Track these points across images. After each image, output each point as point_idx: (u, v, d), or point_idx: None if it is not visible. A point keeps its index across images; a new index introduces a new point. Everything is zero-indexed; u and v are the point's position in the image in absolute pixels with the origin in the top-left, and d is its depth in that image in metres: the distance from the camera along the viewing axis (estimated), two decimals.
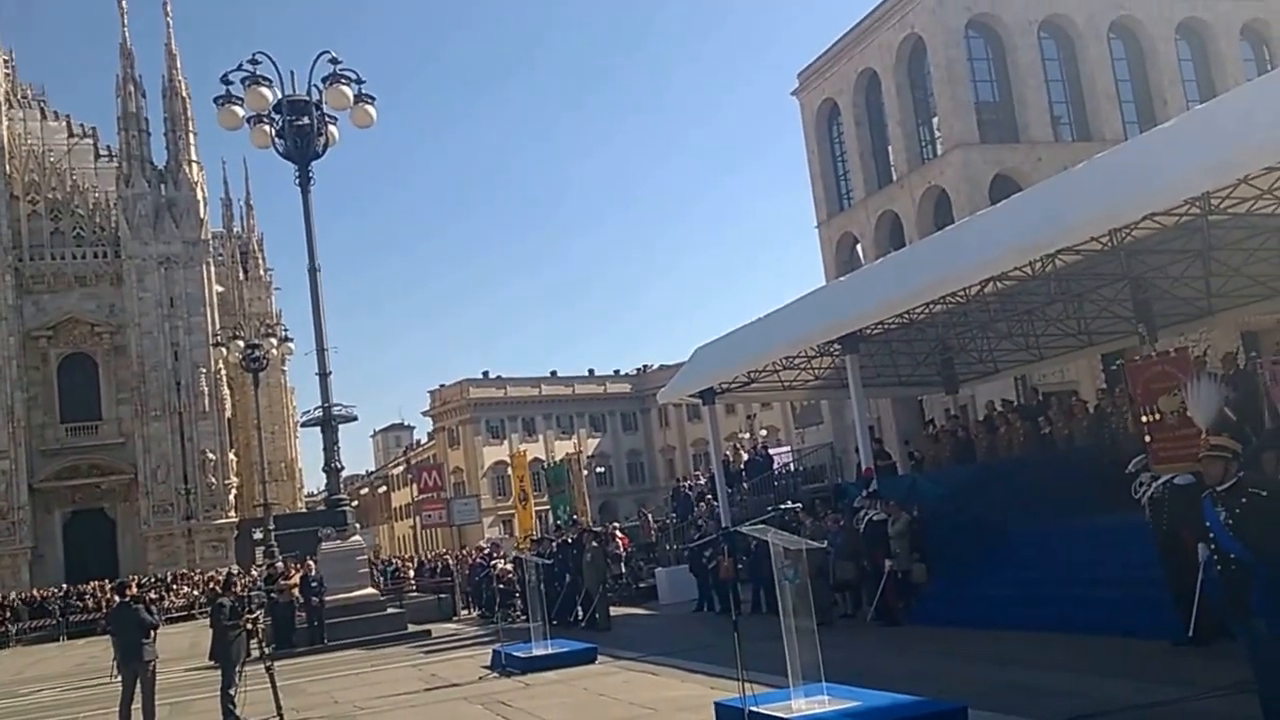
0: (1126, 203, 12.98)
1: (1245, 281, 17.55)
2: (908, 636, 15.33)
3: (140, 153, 69.07)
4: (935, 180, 44.04)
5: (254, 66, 23.14)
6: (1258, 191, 12.82)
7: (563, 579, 23.21)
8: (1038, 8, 44.38)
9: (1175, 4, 46.16)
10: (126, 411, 67.77)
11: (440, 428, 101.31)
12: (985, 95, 43.99)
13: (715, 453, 26.63)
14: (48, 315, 68.29)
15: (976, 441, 21.85)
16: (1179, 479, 11.45)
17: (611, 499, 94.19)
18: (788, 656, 9.30)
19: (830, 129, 52.19)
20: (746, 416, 64.85)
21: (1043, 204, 15.77)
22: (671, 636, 19.04)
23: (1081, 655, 11.72)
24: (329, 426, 25.37)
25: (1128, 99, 45.51)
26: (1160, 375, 12.97)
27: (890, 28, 46.09)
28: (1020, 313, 20.32)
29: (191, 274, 68.91)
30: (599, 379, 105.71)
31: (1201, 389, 9.97)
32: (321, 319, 25.34)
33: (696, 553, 23.31)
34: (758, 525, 10.58)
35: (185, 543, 65.90)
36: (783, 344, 20.91)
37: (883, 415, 42.25)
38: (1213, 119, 13.53)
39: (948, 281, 16.53)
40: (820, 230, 52.57)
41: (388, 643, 23.05)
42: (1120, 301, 18.50)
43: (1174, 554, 11.38)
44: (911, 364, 24.42)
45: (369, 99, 23.83)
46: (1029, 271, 15.83)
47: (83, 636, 40.63)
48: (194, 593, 48.43)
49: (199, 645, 23.93)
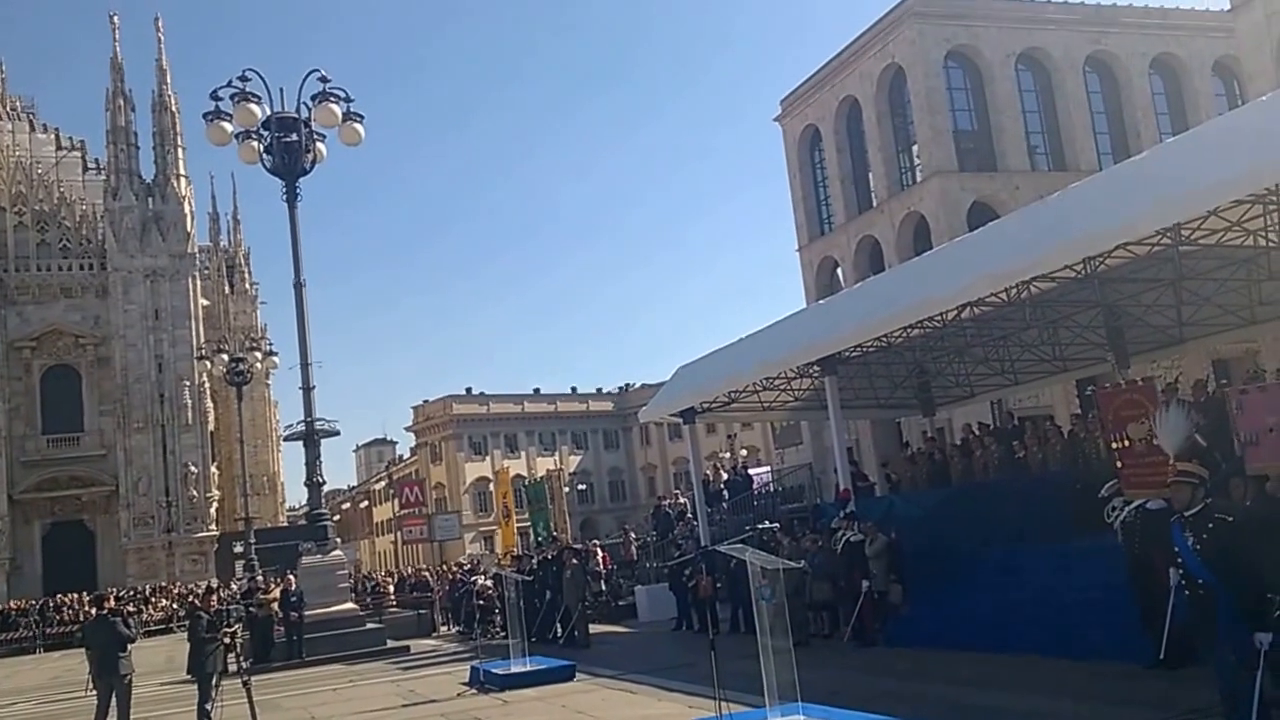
0: (1100, 232, 13.25)
1: (1216, 311, 17.85)
2: (884, 657, 15.43)
3: (128, 166, 68.97)
4: (914, 206, 44.57)
5: (243, 83, 23.24)
6: (1227, 223, 13.11)
7: (543, 596, 23.24)
8: (1016, 40, 45.16)
9: (1149, 40, 47.12)
10: (109, 423, 67.47)
11: (423, 443, 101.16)
12: (964, 124, 44.73)
13: (695, 472, 26.79)
14: (32, 326, 68.03)
15: (952, 464, 22.02)
16: (1150, 504, 11.54)
17: (593, 516, 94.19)
18: (764, 676, 9.39)
19: (812, 155, 52.78)
20: (727, 436, 65.18)
21: (1019, 232, 16.06)
22: (650, 655, 19.09)
23: (1054, 677, 11.84)
24: (312, 441, 25.36)
25: (1103, 131, 46.39)
26: (1129, 403, 13.16)
27: (871, 57, 46.71)
28: (996, 338, 20.59)
29: (177, 287, 68.76)
30: (581, 397, 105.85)
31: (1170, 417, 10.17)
32: (306, 334, 25.36)
33: (676, 571, 23.35)
34: (736, 544, 10.70)
35: (165, 556, 65.55)
36: (763, 365, 21.12)
37: (861, 437, 42.62)
38: (1184, 152, 13.85)
39: (925, 306, 16.77)
40: (801, 254, 53.02)
41: (366, 658, 22.95)
42: (1094, 328, 18.75)
43: (1145, 578, 11.47)
44: (889, 387, 24.67)
45: (357, 117, 23.91)
46: (1005, 298, 16.09)
47: (59, 649, 40.38)
48: (172, 606, 48.17)
49: (176, 659, 23.83)
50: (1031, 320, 18.81)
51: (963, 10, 44.86)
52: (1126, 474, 12.93)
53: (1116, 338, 17.62)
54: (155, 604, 49.11)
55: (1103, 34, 46.50)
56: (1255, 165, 11.25)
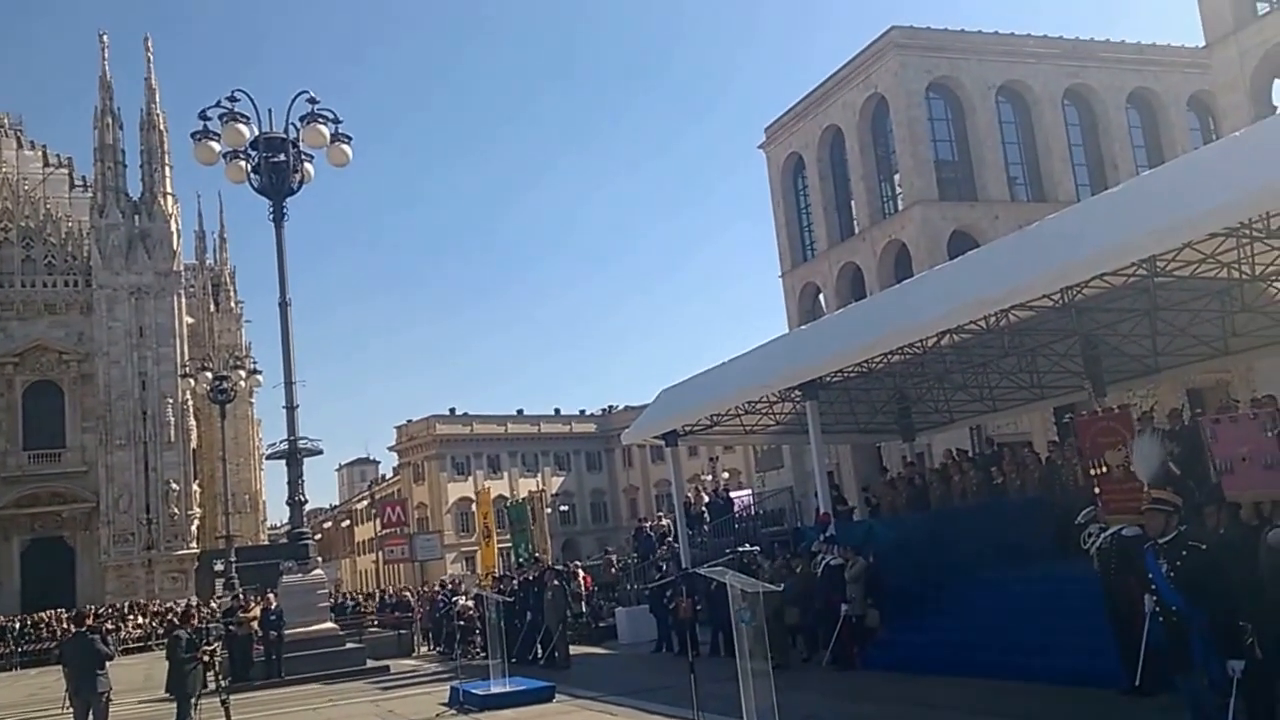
0: (1077, 262, 13.40)
1: (1190, 341, 18.09)
2: (861, 680, 15.51)
3: (115, 184, 68.96)
4: (896, 234, 44.97)
5: (232, 103, 23.36)
6: (1201, 256, 13.33)
7: (524, 616, 23.26)
8: (996, 73, 45.75)
9: (1126, 74, 47.77)
10: (91, 440, 67.22)
11: (406, 463, 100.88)
12: (945, 154, 45.22)
13: (677, 494, 26.88)
14: (15, 342, 67.78)
15: (932, 489, 22.12)
16: (1126, 530, 11.63)
17: (574, 537, 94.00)
18: (742, 698, 9.48)
19: (795, 182, 53.22)
20: (709, 459, 65.19)
21: (998, 261, 16.26)
22: (630, 676, 19.12)
23: (1030, 702, 11.97)
24: (294, 460, 25.38)
25: (1080, 162, 46.97)
26: (1106, 430, 13.33)
27: (854, 87, 47.22)
28: (975, 365, 20.78)
29: (162, 305, 68.66)
30: (565, 418, 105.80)
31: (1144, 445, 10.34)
32: (291, 352, 25.41)
33: (657, 593, 23.38)
34: (716, 567, 10.76)
35: (145, 573, 65.23)
36: (745, 389, 21.24)
37: (842, 461, 42.82)
38: (1160, 185, 14.02)
39: (905, 333, 16.93)
40: (784, 279, 53.28)
41: (346, 678, 22.93)
42: (1071, 357, 18.97)
43: (1120, 604, 11.53)
44: (870, 412, 24.83)
45: (345, 138, 24.06)
46: (984, 325, 16.30)
47: (36, 666, 40.14)
48: (150, 623, 47.94)
49: (154, 677, 23.75)
50: (1010, 348, 19.02)
51: (944, 43, 45.39)
52: (1106, 499, 13.06)
53: (1093, 366, 17.83)
54: (133, 621, 48.83)
55: (1081, 68, 47.09)
56: (1229, 199, 11.39)
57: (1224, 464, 12.35)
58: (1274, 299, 16.28)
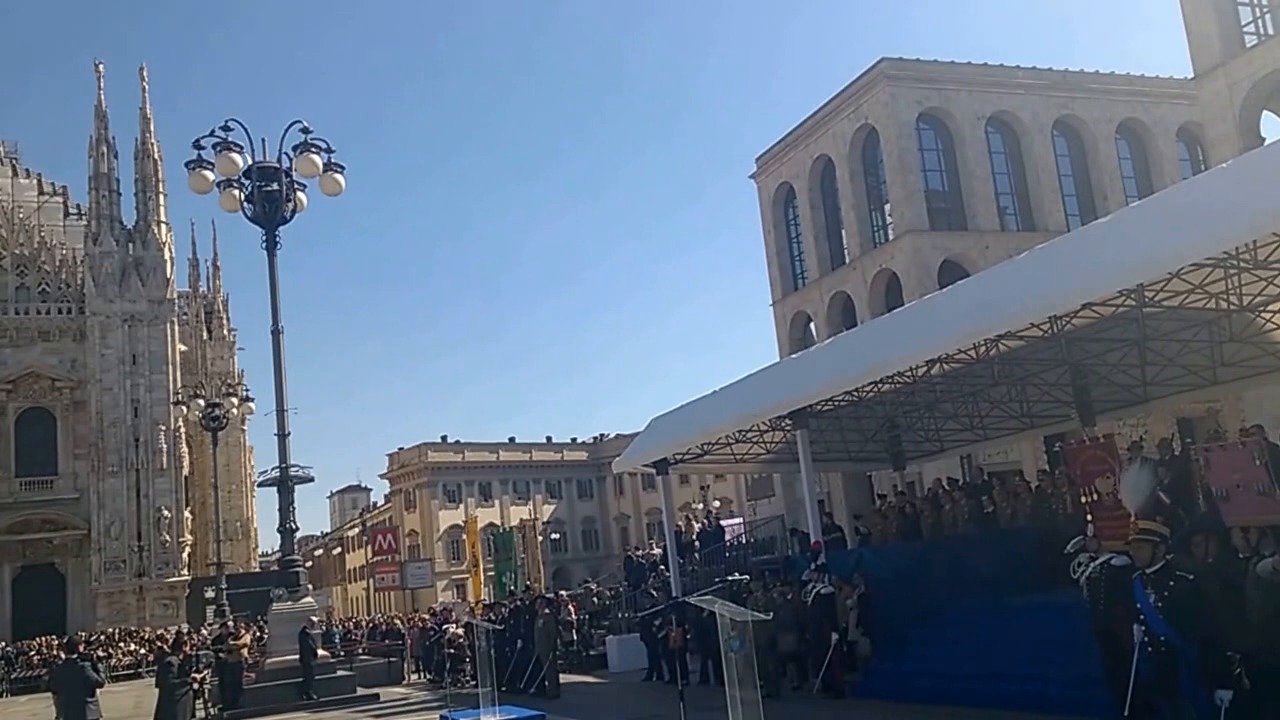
0: (1066, 292, 13.47)
1: (1179, 371, 18.18)
2: (851, 709, 15.55)
3: (110, 212, 68.99)
4: (886, 264, 45.19)
5: (226, 132, 23.47)
6: (1190, 286, 13.41)
7: (514, 644, 23.22)
8: (986, 104, 46.09)
9: (1116, 105, 48.14)
10: (83, 467, 66.99)
11: (397, 490, 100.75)
12: (935, 184, 45.53)
13: (668, 522, 26.88)
14: (8, 369, 67.64)
15: (923, 518, 22.11)
16: (1115, 560, 11.61)
17: (566, 565, 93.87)
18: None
19: (786, 211, 53.51)
20: (700, 487, 65.24)
21: (987, 290, 16.34)
22: (620, 705, 19.13)
23: None
24: (285, 487, 25.36)
25: (1070, 193, 47.26)
26: (1094, 458, 13.41)
27: (845, 118, 47.53)
28: (965, 394, 20.86)
29: (155, 332, 68.60)
30: (556, 446, 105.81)
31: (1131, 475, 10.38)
32: (283, 380, 25.42)
33: (647, 622, 23.36)
34: (706, 595, 10.77)
35: (136, 600, 64.91)
36: (736, 417, 21.29)
37: (833, 490, 42.88)
38: (1148, 216, 14.11)
39: (896, 362, 16.99)
40: (775, 308, 53.50)
41: (335, 706, 22.83)
42: (1061, 386, 19.04)
43: (1109, 634, 11.50)
44: (860, 440, 24.88)
45: (338, 168, 24.15)
46: (974, 355, 16.38)
47: (26, 693, 39.96)
48: (141, 650, 47.69)
49: (144, 704, 23.66)
50: (1000, 377, 19.10)
51: (934, 74, 45.71)
52: (1100, 526, 13.05)
53: (1082, 396, 17.88)
54: (123, 648, 48.58)
55: (1070, 99, 47.45)
56: (1217, 230, 11.45)
57: (1220, 491, 12.42)
58: (1262, 329, 16.38)
